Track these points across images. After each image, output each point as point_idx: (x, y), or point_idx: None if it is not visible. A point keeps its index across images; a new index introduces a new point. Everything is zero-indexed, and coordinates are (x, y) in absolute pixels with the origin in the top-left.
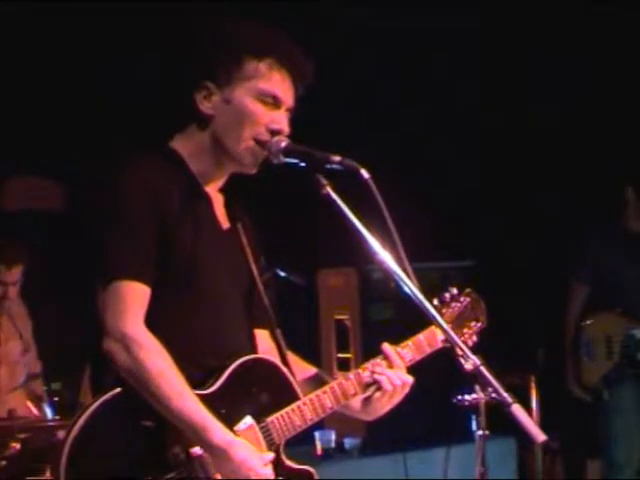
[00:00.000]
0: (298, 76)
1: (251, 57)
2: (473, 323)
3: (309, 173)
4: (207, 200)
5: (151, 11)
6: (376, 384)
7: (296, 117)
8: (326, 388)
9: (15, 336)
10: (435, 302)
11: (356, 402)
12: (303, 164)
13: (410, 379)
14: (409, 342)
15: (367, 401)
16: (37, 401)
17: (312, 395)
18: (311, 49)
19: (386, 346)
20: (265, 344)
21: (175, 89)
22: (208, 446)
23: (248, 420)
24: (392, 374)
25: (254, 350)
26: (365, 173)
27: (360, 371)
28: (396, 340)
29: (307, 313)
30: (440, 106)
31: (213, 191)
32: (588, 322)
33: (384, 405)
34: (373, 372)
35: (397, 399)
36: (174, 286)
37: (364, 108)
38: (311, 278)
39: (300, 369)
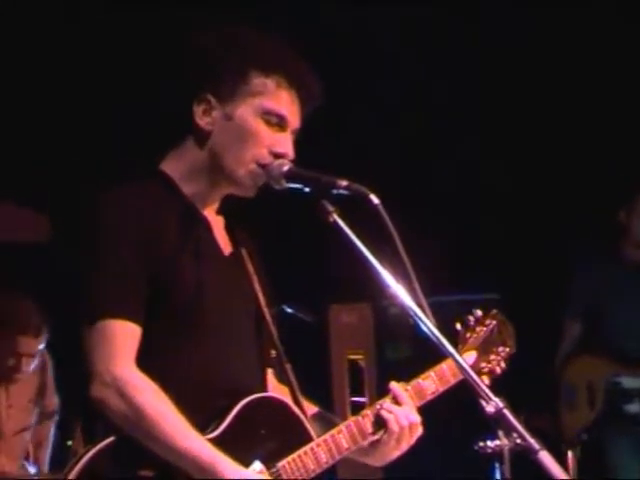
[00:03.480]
0: (307, 96)
1: (258, 72)
2: (501, 348)
3: (314, 199)
4: (205, 224)
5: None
6: (385, 426)
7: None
8: (341, 427)
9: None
10: (458, 326)
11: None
12: (307, 189)
13: (418, 419)
14: (431, 372)
15: (374, 445)
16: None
17: (326, 435)
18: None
19: (394, 385)
20: (276, 383)
21: (173, 99)
22: None
23: (257, 466)
24: (400, 412)
25: (264, 387)
26: (375, 198)
27: (378, 406)
28: None
29: (317, 353)
30: (463, 127)
31: (211, 214)
32: (569, 366)
33: (391, 449)
34: (381, 410)
35: (405, 444)
36: (173, 321)
37: (379, 130)
38: (322, 315)
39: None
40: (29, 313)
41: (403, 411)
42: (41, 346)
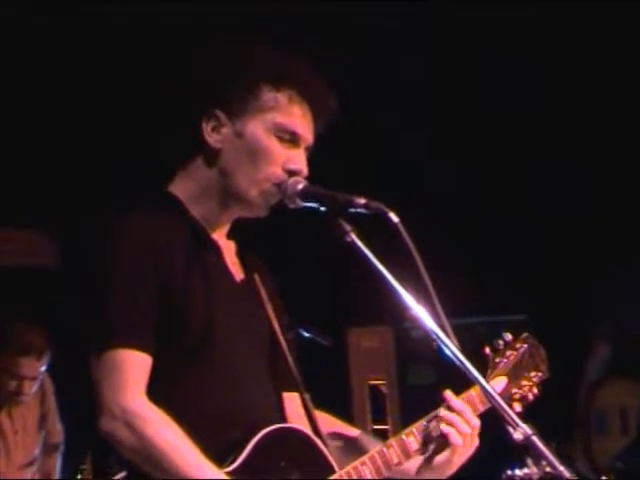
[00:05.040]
0: (320, 111)
1: (269, 86)
2: (533, 373)
3: (330, 218)
4: (215, 249)
5: (155, 32)
6: (430, 443)
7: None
8: (365, 458)
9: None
10: (487, 351)
11: (412, 464)
12: (323, 208)
13: (478, 422)
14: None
15: (429, 463)
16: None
17: (349, 467)
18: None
19: (448, 394)
20: (296, 409)
21: (181, 116)
22: None
23: None
24: (460, 423)
25: (282, 417)
26: (394, 216)
27: (404, 437)
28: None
29: (337, 379)
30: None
31: (221, 238)
32: (599, 391)
33: (458, 461)
34: (429, 428)
35: (468, 451)
36: (185, 351)
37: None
38: (340, 339)
39: (338, 431)
40: (32, 335)
41: (461, 419)
42: (43, 368)
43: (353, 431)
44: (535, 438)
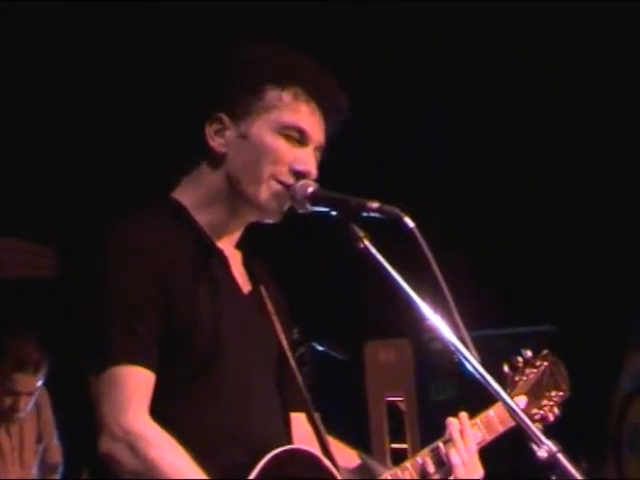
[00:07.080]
0: (330, 109)
1: (273, 85)
2: (554, 392)
3: (342, 223)
4: (222, 259)
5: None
6: (444, 464)
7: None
8: None
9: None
10: (506, 369)
11: None
12: (334, 213)
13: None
14: (477, 420)
15: None
16: None
17: None
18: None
19: (452, 421)
20: (303, 430)
21: (183, 121)
22: None
23: None
24: (466, 454)
25: (289, 439)
26: (410, 221)
27: (418, 459)
28: None
29: (352, 395)
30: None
31: (228, 247)
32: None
33: None
34: (448, 455)
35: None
36: (190, 368)
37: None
38: (356, 352)
39: (343, 457)
40: (27, 348)
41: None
42: (39, 383)
43: (355, 454)
44: (561, 455)
